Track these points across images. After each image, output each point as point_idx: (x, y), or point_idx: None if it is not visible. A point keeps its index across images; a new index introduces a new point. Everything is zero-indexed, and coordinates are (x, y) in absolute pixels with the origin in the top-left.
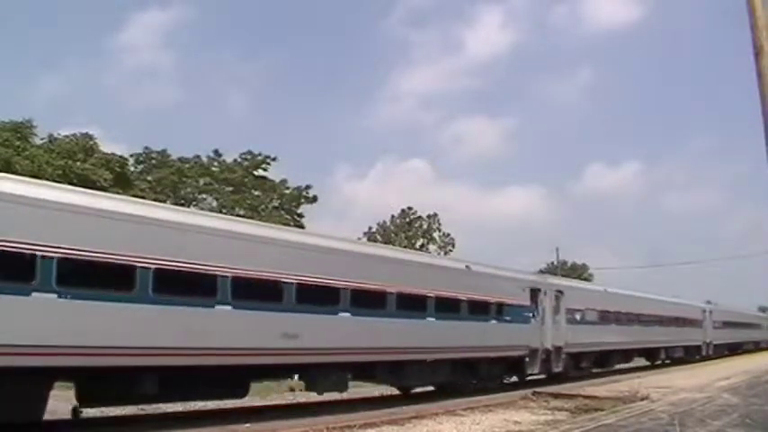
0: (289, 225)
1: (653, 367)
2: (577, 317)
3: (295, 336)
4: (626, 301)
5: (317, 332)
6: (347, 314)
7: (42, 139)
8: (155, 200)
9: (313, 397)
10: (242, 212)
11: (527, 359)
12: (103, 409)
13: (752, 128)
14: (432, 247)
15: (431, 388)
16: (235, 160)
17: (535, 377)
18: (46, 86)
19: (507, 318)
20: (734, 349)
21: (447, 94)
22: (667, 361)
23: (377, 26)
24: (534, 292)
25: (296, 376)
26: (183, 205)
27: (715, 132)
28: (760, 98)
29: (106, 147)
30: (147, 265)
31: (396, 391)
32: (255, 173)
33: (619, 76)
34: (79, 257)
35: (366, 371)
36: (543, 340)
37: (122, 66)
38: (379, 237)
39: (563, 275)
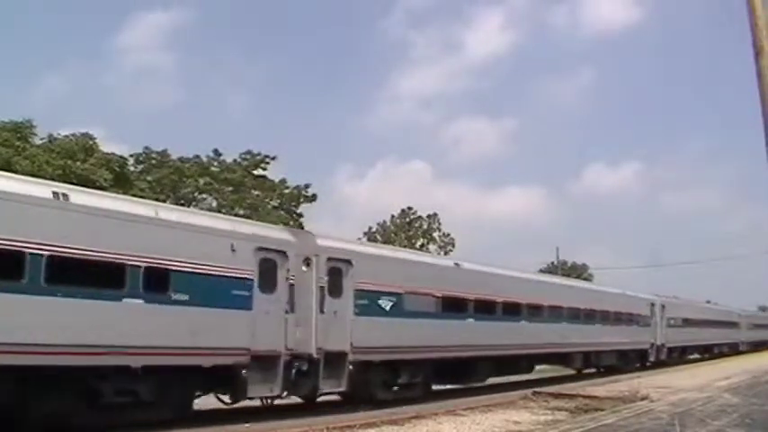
0: (288, 224)
1: (643, 369)
2: (385, 304)
3: None
4: (503, 284)
5: None
6: None
7: (42, 138)
8: (155, 200)
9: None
10: (242, 212)
11: (245, 372)
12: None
13: (752, 128)
14: (432, 246)
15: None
16: (234, 160)
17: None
18: (47, 86)
19: (183, 297)
20: (704, 352)
21: (447, 95)
22: (602, 369)
23: (377, 26)
24: (269, 257)
25: None
26: (183, 205)
27: (715, 132)
28: (760, 98)
29: (107, 147)
30: None
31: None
32: (255, 172)
33: (619, 76)
34: None
35: None
36: (291, 341)
37: (123, 66)
38: (379, 237)
39: (563, 275)
